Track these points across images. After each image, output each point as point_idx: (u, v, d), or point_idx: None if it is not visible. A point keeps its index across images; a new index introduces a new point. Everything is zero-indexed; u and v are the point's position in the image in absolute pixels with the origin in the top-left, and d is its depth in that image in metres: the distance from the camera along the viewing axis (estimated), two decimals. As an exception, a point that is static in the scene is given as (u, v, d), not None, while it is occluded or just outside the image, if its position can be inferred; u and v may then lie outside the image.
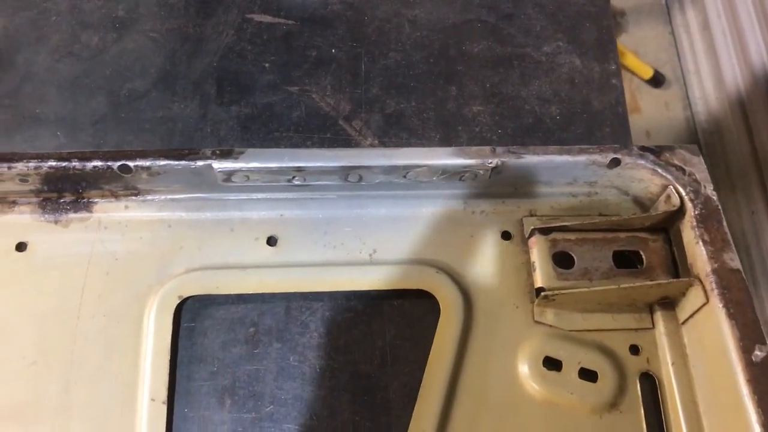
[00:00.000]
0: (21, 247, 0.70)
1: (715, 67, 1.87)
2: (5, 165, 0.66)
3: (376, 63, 0.81)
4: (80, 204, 0.71)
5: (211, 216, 0.72)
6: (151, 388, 0.65)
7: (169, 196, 0.72)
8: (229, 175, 0.68)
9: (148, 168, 0.67)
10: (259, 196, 0.72)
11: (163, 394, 0.64)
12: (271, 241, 0.72)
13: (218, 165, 0.67)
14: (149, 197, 0.72)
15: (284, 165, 0.67)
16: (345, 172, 0.69)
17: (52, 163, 0.66)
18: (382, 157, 0.69)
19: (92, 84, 0.78)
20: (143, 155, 0.67)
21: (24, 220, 0.71)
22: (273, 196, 0.72)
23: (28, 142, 0.75)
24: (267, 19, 0.83)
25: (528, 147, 0.69)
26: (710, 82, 1.91)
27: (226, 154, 0.67)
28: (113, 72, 0.79)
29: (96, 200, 0.72)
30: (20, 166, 0.66)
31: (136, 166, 0.67)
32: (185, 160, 0.67)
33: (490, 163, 0.69)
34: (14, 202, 0.71)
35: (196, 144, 0.76)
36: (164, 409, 0.64)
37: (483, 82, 0.81)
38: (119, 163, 0.67)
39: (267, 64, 0.80)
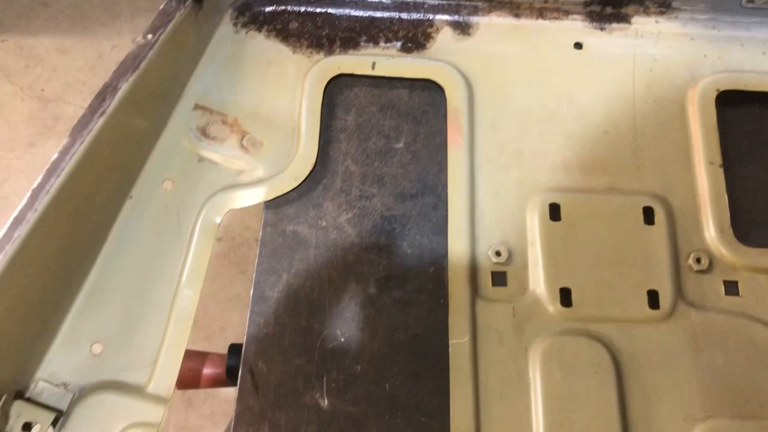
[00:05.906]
0: (578, 45, 0.87)
1: None
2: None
3: None
4: (619, 16, 0.88)
5: (724, 34, 0.88)
6: (707, 154, 0.81)
7: (691, 15, 0.88)
8: (770, -3, 0.84)
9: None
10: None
11: (719, 158, 0.80)
12: (775, 57, 0.88)
13: (773, -14, 0.83)
14: (674, 15, 0.88)
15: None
16: None
17: (627, -25, 0.83)
18: None
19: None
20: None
21: (576, 26, 0.88)
22: (777, 20, 0.88)
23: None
24: None
25: None
26: None
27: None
28: None
29: (630, 15, 0.88)
30: (600, -24, 0.83)
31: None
32: (734, -22, 0.83)
33: None
34: (567, 12, 0.88)
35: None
36: (722, 171, 0.80)
37: None
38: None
39: None
